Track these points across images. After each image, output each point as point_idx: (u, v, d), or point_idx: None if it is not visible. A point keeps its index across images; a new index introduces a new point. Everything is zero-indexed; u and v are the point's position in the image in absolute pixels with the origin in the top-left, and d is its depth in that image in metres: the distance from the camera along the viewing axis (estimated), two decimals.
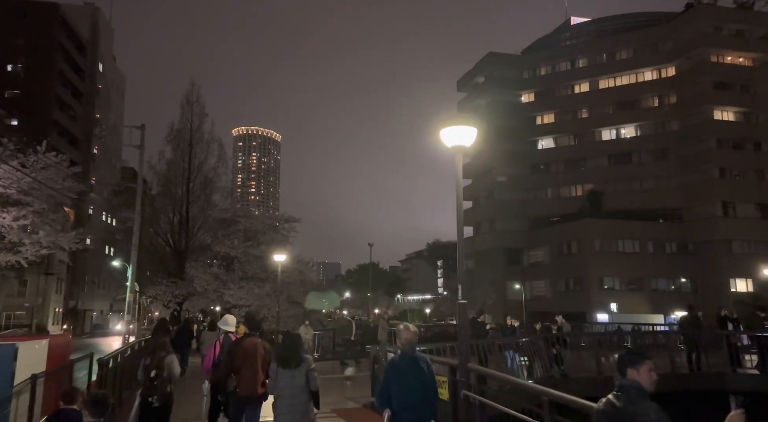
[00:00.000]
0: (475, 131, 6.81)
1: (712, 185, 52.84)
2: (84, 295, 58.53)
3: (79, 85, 54.41)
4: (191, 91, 32.19)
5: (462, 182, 7.16)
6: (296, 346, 5.56)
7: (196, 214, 31.57)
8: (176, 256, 31.04)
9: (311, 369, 5.46)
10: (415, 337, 5.04)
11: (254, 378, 5.97)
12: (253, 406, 6.05)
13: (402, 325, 5.20)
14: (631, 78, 60.66)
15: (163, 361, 6.44)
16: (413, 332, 5.05)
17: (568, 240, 56.43)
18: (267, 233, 30.62)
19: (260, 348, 6.16)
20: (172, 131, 31.39)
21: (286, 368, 5.38)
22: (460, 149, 6.91)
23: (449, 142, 6.82)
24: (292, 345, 5.55)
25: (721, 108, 54.93)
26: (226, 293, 27.33)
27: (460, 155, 7.04)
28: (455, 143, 6.81)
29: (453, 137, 6.76)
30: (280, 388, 5.34)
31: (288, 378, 5.34)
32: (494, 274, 61.77)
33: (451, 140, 6.79)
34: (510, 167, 64.60)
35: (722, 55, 55.93)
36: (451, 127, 6.64)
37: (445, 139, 6.82)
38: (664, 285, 53.72)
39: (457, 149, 6.90)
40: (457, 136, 6.71)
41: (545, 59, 65.86)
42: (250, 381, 5.96)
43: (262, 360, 6.04)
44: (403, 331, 5.04)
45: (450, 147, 6.89)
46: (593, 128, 61.91)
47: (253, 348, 6.08)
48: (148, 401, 6.33)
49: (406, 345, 4.97)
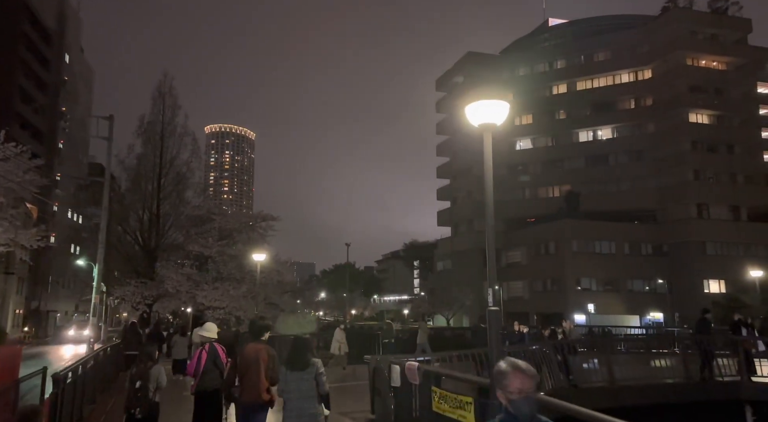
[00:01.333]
0: (507, 105, 5.87)
1: (687, 187, 53.44)
2: (47, 296, 56.01)
3: (43, 76, 51.94)
4: (163, 82, 30.80)
5: (491, 166, 6.22)
6: (304, 349, 5.59)
7: (168, 211, 30.18)
8: (146, 255, 29.59)
9: (320, 372, 5.48)
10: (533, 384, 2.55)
11: (257, 385, 5.89)
12: (258, 413, 6.00)
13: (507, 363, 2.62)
14: (608, 80, 61.09)
15: (149, 371, 6.38)
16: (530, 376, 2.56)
17: (546, 241, 56.44)
18: (243, 232, 29.43)
19: (263, 353, 6.01)
20: (142, 124, 29.95)
21: (294, 371, 5.41)
22: (489, 127, 5.98)
23: (476, 119, 5.91)
24: (300, 348, 5.57)
25: (695, 111, 55.66)
26: (200, 294, 26.04)
27: (489, 135, 6.10)
28: (484, 121, 5.88)
29: (481, 114, 5.81)
30: (289, 391, 5.38)
31: (296, 381, 5.37)
32: (471, 275, 61.43)
33: (479, 116, 5.84)
34: None
35: (697, 59, 56.68)
36: (479, 102, 5.71)
37: (471, 116, 5.89)
38: (640, 286, 54.13)
39: (485, 127, 5.98)
40: (485, 112, 5.77)
41: (524, 60, 65.91)
42: (254, 387, 5.89)
43: (265, 366, 5.95)
44: (511, 373, 2.56)
45: (477, 126, 5.97)
46: (570, 129, 62.16)
47: (255, 354, 5.98)
48: (130, 413, 6.20)
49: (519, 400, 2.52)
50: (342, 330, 18.07)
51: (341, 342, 17.43)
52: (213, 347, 7.07)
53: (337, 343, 17.38)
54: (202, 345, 7.26)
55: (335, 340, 17.47)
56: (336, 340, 17.44)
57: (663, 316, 51.55)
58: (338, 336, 17.75)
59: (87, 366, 8.50)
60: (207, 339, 7.19)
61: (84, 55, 70.16)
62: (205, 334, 7.30)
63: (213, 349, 7.04)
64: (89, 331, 26.23)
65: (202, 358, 6.97)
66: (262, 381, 5.86)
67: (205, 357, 6.96)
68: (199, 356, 7.05)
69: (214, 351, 7.02)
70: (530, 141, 64.85)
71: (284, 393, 5.42)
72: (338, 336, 17.79)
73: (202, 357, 6.99)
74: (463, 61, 67.38)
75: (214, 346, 7.09)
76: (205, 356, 6.97)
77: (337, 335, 17.83)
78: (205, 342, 7.18)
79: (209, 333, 7.28)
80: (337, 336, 17.78)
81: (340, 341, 17.41)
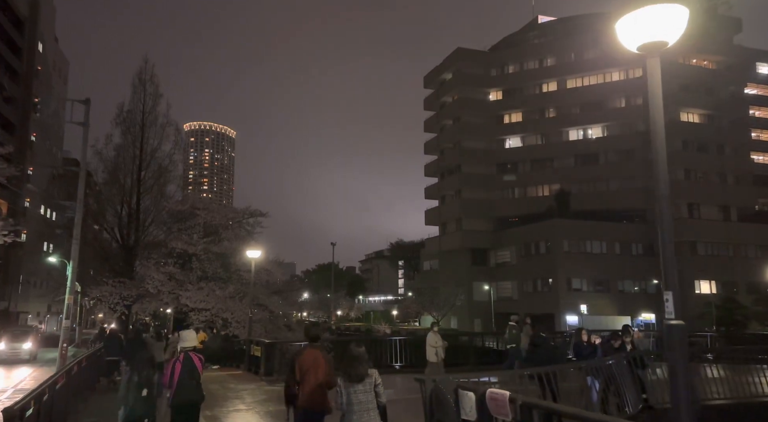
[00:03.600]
0: (686, 13, 4.12)
1: (677, 186, 52.96)
2: (17, 296, 53.26)
3: (14, 65, 49.26)
4: (144, 68, 28.88)
5: (659, 102, 4.61)
6: (360, 360, 5.42)
7: (148, 206, 28.30)
8: (125, 253, 27.68)
9: (378, 383, 5.40)
10: None
11: (316, 391, 5.85)
12: (316, 419, 5.94)
13: None
14: (598, 78, 60.55)
15: (153, 379, 6.39)
16: None
17: (536, 240, 55.59)
18: (229, 228, 27.69)
19: (321, 359, 5.96)
20: (121, 113, 27.99)
21: (352, 382, 5.32)
22: (655, 47, 4.30)
23: (633, 40, 4.27)
24: (356, 359, 5.42)
25: (686, 110, 55.38)
26: (183, 294, 24.25)
27: (656, 61, 4.41)
28: (648, 40, 4.22)
29: (643, 29, 4.14)
30: (348, 404, 5.29)
31: (354, 394, 5.29)
32: (460, 275, 60.40)
33: (638, 35, 4.20)
34: (477, 166, 63.47)
35: (688, 58, 56.38)
36: (643, 9, 4.02)
37: (627, 35, 4.23)
38: (631, 287, 53.59)
39: (649, 49, 4.32)
40: (651, 26, 4.11)
41: (514, 57, 65.07)
42: (312, 393, 5.84)
43: (323, 372, 5.90)
44: None
45: (636, 50, 4.36)
46: (560, 127, 61.49)
47: (313, 359, 5.92)
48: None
49: None
50: (436, 333, 14.36)
51: (437, 346, 14.13)
52: (188, 357, 6.69)
53: (433, 348, 14.17)
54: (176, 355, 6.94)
55: (429, 345, 14.27)
56: (430, 345, 14.23)
57: (655, 317, 51.05)
58: (432, 340, 14.32)
59: (55, 387, 6.90)
60: (184, 348, 6.82)
61: (59, 45, 67.32)
62: (182, 344, 6.92)
63: (188, 359, 6.66)
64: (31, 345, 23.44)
65: (176, 369, 6.61)
66: (322, 387, 5.80)
67: (180, 368, 6.60)
68: (173, 367, 6.66)
69: (189, 362, 6.65)
70: (519, 139, 64.04)
71: (344, 405, 5.29)
72: (432, 339, 14.33)
73: (176, 368, 6.62)
74: (452, 57, 66.28)
75: (190, 356, 6.70)
76: (179, 367, 6.60)
77: (431, 339, 14.35)
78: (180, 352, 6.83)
79: (187, 342, 6.91)
80: (430, 340, 14.35)
81: (435, 345, 14.14)
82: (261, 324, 24.64)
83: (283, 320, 27.55)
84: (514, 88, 64.69)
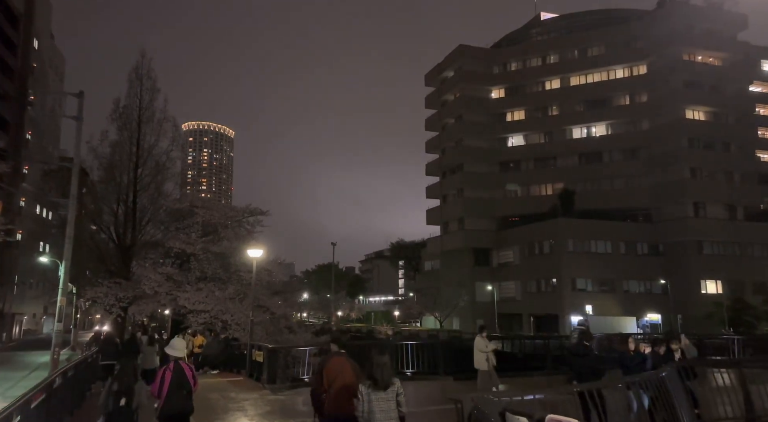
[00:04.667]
0: None
1: (683, 185, 52.28)
2: (12, 297, 52.28)
3: (9, 61, 48.31)
4: (141, 63, 27.99)
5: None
6: (386, 367, 5.45)
7: (145, 205, 27.41)
8: (121, 253, 26.79)
9: (400, 392, 5.37)
10: None
11: (344, 397, 5.83)
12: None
13: None
14: (602, 75, 59.81)
15: (133, 388, 6.28)
16: None
17: (540, 240, 54.82)
18: (229, 227, 26.82)
19: (347, 366, 6.00)
20: (117, 108, 27.07)
21: (376, 390, 5.29)
22: None
23: None
24: (382, 366, 5.42)
25: (692, 107, 54.61)
26: (181, 296, 23.39)
27: None
28: None
29: None
30: (370, 412, 5.26)
31: (377, 401, 5.28)
32: (462, 275, 59.62)
33: None
34: (479, 165, 62.71)
35: (694, 54, 55.65)
36: None
37: None
38: (636, 287, 52.84)
39: None
40: None
41: (516, 54, 64.30)
42: (340, 400, 5.84)
43: (350, 379, 5.89)
44: None
45: None
46: (564, 125, 60.73)
47: (340, 366, 5.96)
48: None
49: None
50: (484, 338, 12.43)
51: (487, 351, 12.19)
52: (179, 366, 6.59)
53: (482, 354, 12.21)
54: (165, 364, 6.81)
55: (478, 350, 12.32)
56: (480, 350, 12.29)
57: (661, 318, 50.29)
58: (481, 345, 12.33)
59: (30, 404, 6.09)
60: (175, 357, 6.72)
61: (55, 42, 66.38)
62: (171, 353, 6.81)
63: (178, 368, 6.56)
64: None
65: (166, 378, 6.50)
66: (349, 394, 5.77)
67: (170, 377, 6.49)
68: (162, 376, 6.53)
69: (179, 371, 6.55)
70: (522, 137, 63.26)
71: (367, 413, 5.22)
72: (481, 344, 12.32)
73: (166, 377, 6.50)
74: (454, 54, 65.49)
75: (180, 365, 6.62)
76: (169, 376, 6.49)
77: (480, 343, 12.35)
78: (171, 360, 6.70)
79: (176, 352, 6.80)
80: (479, 345, 12.34)
81: (485, 350, 12.23)
82: (262, 326, 23.80)
83: (284, 321, 26.69)
84: (516, 86, 63.92)
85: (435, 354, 13.97)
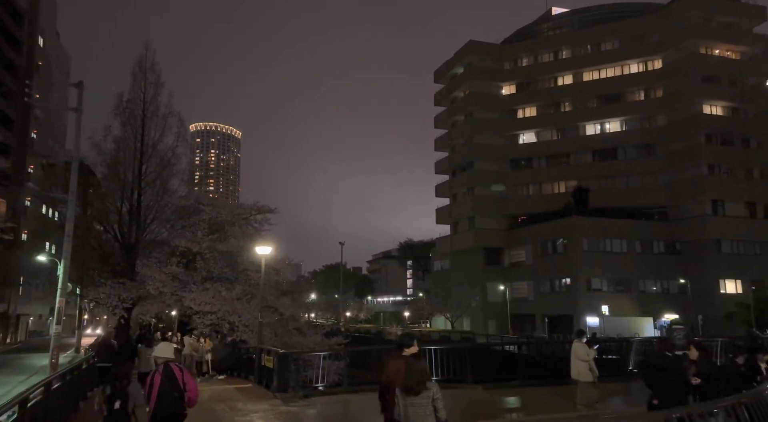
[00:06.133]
0: None
1: (701, 182, 50.89)
2: (18, 298, 51.65)
3: (13, 59, 47.67)
4: (145, 56, 27.05)
5: None
6: (420, 372, 5.32)
7: (150, 202, 26.46)
8: (125, 252, 25.87)
9: (436, 398, 5.25)
10: None
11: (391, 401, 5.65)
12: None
13: None
14: (616, 70, 58.49)
15: (126, 390, 6.28)
16: None
17: (553, 239, 53.59)
18: (236, 225, 25.85)
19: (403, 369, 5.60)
20: (120, 103, 26.13)
21: (409, 395, 5.23)
22: None
23: None
24: (415, 371, 5.30)
25: (709, 102, 53.21)
26: (187, 296, 22.45)
27: None
28: None
29: None
30: (405, 416, 5.24)
31: (411, 406, 5.21)
32: (473, 275, 58.52)
33: None
34: (490, 162, 61.56)
35: (711, 48, 54.25)
36: None
37: None
38: (653, 286, 51.52)
39: None
40: None
41: (527, 49, 63.07)
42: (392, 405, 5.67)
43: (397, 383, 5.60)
44: None
45: None
46: (577, 122, 59.45)
47: (396, 371, 5.76)
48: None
49: None
50: (584, 344, 10.40)
51: (588, 359, 10.18)
52: (168, 368, 6.53)
53: (584, 363, 10.19)
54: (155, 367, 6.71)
55: (579, 359, 10.27)
56: (580, 359, 10.25)
57: (679, 318, 48.88)
58: (582, 352, 10.28)
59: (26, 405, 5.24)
60: (162, 359, 6.66)
61: (60, 41, 65.84)
62: (159, 355, 6.77)
63: (168, 370, 6.50)
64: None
65: (155, 382, 6.40)
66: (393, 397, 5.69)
67: (159, 380, 6.40)
68: (152, 380, 6.42)
69: (169, 373, 6.46)
70: (534, 134, 62.03)
71: (403, 418, 5.24)
72: (581, 351, 10.28)
73: (155, 380, 6.41)
74: (464, 50, 64.34)
75: (170, 367, 6.55)
76: (159, 379, 6.40)
77: (580, 350, 10.30)
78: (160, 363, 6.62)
79: (164, 354, 6.77)
80: (579, 352, 10.29)
81: (587, 359, 10.21)
82: (270, 327, 22.81)
83: (293, 322, 25.70)
84: (528, 82, 62.70)
85: (462, 359, 12.82)
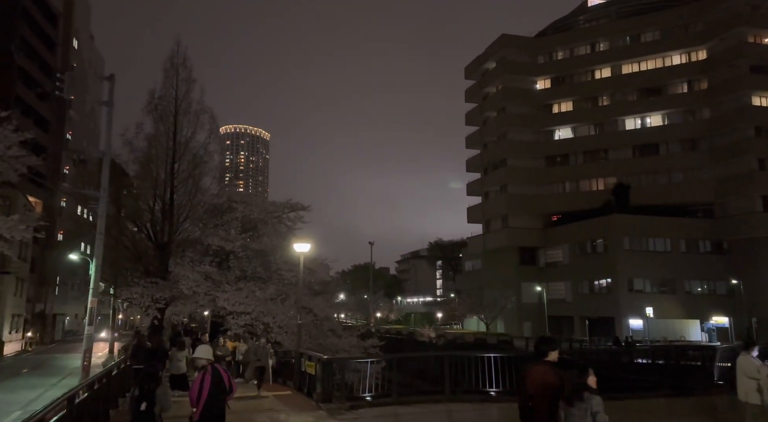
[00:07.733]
0: None
1: (750, 177, 48.36)
2: (54, 298, 52.26)
3: (48, 60, 48.16)
4: (176, 52, 26.51)
5: None
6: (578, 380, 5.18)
7: (183, 200, 25.92)
8: (158, 251, 25.38)
9: (596, 411, 5.01)
10: None
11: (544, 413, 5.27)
12: None
13: None
14: (657, 62, 56.18)
15: (154, 393, 6.40)
16: None
17: (593, 238, 51.70)
18: (269, 223, 25.14)
19: (549, 377, 5.29)
20: (152, 99, 25.58)
21: (568, 404, 5.14)
22: None
23: None
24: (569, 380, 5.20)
25: (759, 93, 50.55)
26: (220, 296, 21.79)
27: None
28: None
29: None
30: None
31: (570, 416, 5.13)
32: (506, 275, 56.96)
33: None
34: (524, 159, 59.89)
35: (760, 36, 51.54)
36: None
37: None
38: (699, 287, 49.19)
39: None
40: None
41: (562, 42, 61.14)
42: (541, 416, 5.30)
43: (552, 392, 5.26)
44: None
45: None
46: (616, 116, 57.31)
47: (541, 378, 5.35)
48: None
49: None
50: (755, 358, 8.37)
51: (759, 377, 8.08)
52: (216, 370, 6.56)
53: (754, 382, 8.11)
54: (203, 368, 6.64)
55: (747, 376, 8.19)
56: (749, 376, 8.18)
57: (728, 321, 46.50)
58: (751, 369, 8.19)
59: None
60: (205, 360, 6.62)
61: (94, 43, 66.64)
62: (202, 356, 6.72)
63: (216, 372, 6.52)
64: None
65: (205, 383, 6.42)
66: (549, 409, 5.28)
67: (210, 382, 6.41)
68: (201, 381, 6.44)
69: (217, 375, 6.50)
70: (570, 130, 60.05)
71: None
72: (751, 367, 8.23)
73: (205, 381, 6.42)
74: (496, 44, 62.78)
75: (217, 369, 6.60)
76: (209, 380, 6.42)
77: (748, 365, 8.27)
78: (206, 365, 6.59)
79: (207, 355, 6.72)
80: (748, 369, 8.22)
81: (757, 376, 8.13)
82: (305, 328, 21.96)
83: (327, 324, 24.84)
84: (563, 76, 60.80)
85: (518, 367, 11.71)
